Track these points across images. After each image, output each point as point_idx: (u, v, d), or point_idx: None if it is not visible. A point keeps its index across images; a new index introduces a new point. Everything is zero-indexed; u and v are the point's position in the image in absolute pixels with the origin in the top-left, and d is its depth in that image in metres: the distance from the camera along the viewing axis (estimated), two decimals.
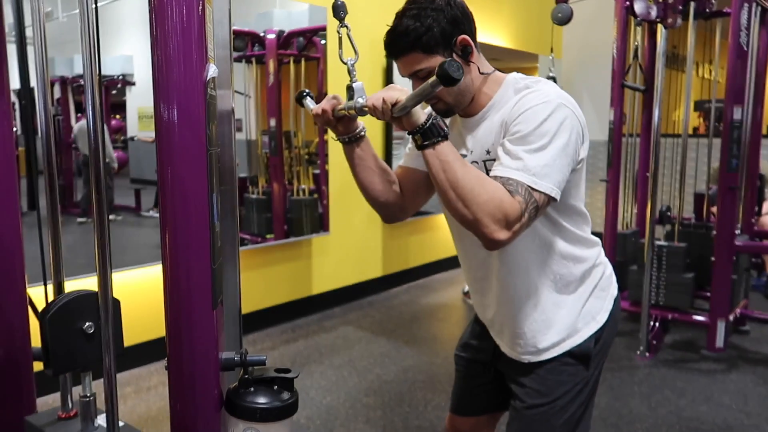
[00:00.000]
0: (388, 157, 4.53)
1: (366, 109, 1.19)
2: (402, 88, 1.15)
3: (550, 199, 1.13)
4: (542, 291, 1.32)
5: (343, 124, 1.31)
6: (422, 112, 1.13)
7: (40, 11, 1.34)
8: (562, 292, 1.32)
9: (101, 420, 1.16)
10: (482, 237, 1.10)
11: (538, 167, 1.10)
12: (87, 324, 1.12)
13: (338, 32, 1.26)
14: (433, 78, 1.02)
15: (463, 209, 1.09)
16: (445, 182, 1.10)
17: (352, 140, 1.33)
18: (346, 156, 1.36)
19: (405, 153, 1.47)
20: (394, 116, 1.14)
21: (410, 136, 1.15)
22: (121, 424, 0.99)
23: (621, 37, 3.59)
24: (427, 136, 1.12)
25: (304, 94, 1.41)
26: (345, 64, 1.24)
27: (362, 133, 1.34)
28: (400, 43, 1.21)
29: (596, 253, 1.38)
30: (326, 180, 4.03)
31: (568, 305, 1.33)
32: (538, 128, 1.12)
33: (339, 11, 1.25)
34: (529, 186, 1.10)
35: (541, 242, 1.29)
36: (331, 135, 1.39)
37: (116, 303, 1.08)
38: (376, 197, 1.40)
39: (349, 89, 1.22)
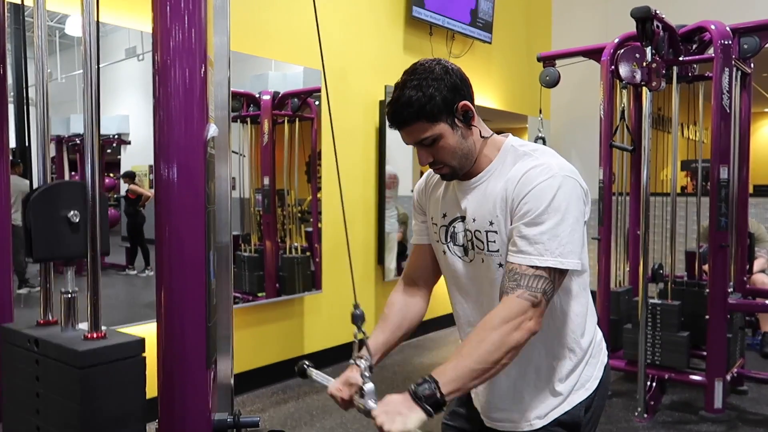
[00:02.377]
0: (381, 192, 4.56)
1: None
2: (401, 407, 1.11)
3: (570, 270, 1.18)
4: (540, 366, 1.31)
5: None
6: (421, 414, 1.09)
7: (43, 73, 1.37)
8: (559, 366, 1.31)
9: (83, 326, 1.10)
10: (528, 340, 1.16)
11: (560, 247, 1.14)
12: (72, 212, 1.05)
13: (355, 337, 1.26)
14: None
15: (505, 360, 1.14)
16: (477, 379, 1.14)
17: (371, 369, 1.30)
18: None
19: (413, 229, 1.50)
20: None
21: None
22: (103, 328, 0.94)
23: (607, 99, 3.69)
24: (437, 405, 1.10)
25: (305, 366, 1.39)
26: (358, 366, 1.23)
27: (370, 365, 1.28)
28: (405, 113, 1.23)
29: (593, 326, 1.38)
30: (319, 238, 4.03)
31: (564, 380, 1.32)
32: (549, 206, 1.15)
33: (357, 320, 1.26)
34: (554, 267, 1.14)
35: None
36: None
37: (104, 197, 1.04)
38: (419, 322, 1.48)
39: (360, 390, 1.21)
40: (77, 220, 1.05)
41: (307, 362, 1.39)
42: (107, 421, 0.88)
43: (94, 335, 0.92)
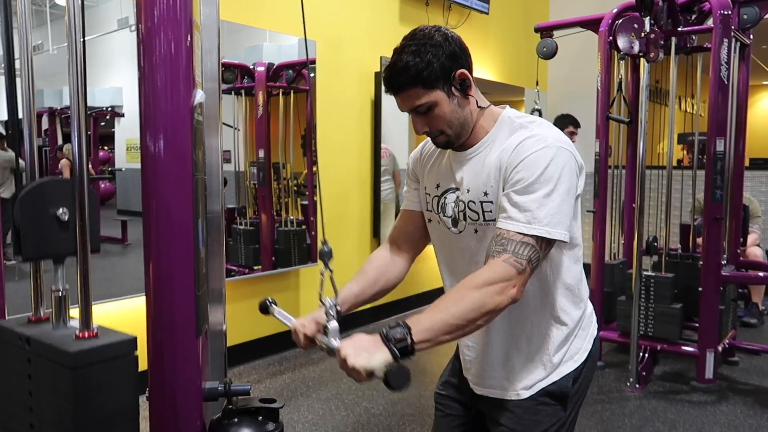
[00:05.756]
0: (376, 170, 4.55)
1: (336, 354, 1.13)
2: (369, 345, 1.07)
3: (558, 242, 1.16)
4: (531, 333, 1.31)
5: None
6: (386, 356, 1.04)
7: (27, 44, 1.34)
8: (550, 335, 1.31)
9: (75, 323, 1.11)
10: (507, 307, 1.13)
11: (548, 217, 1.12)
12: (61, 210, 1.05)
13: (321, 275, 1.24)
14: (384, 378, 1.00)
15: (480, 322, 1.11)
16: (450, 334, 1.10)
17: (338, 310, 1.27)
18: None
19: (404, 194, 1.48)
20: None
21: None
22: (94, 324, 0.94)
23: (605, 70, 3.66)
24: (405, 353, 1.06)
25: (268, 303, 1.36)
26: (323, 305, 1.22)
27: (338, 318, 1.26)
28: (401, 78, 1.21)
29: (584, 306, 1.38)
30: (314, 211, 4.03)
31: (553, 349, 1.32)
32: (541, 175, 1.14)
33: (324, 257, 1.24)
34: (541, 236, 1.12)
35: (537, 284, 1.28)
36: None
37: (93, 192, 1.04)
38: (396, 283, 1.45)
39: (324, 328, 1.19)
40: (66, 218, 1.05)
41: (270, 298, 1.37)
42: (100, 419, 0.89)
43: (86, 334, 0.92)
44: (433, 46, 1.20)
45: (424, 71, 1.19)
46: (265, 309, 1.36)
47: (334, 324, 1.18)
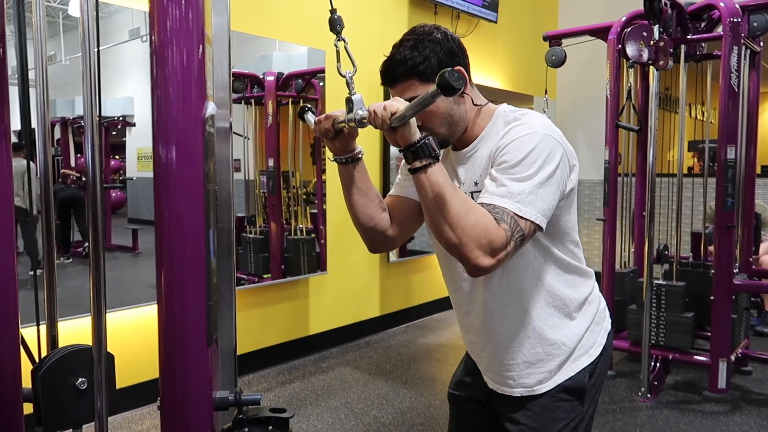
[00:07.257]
0: (386, 181, 4.55)
1: (365, 120, 1.16)
2: (405, 102, 1.13)
3: (536, 228, 1.13)
4: (535, 324, 1.30)
5: (341, 141, 1.28)
6: (417, 131, 1.12)
7: (42, 54, 1.37)
8: (555, 325, 1.31)
9: None
10: (466, 262, 1.09)
11: (522, 194, 1.11)
12: (80, 380, 1.09)
13: (335, 46, 1.25)
14: (434, 88, 0.97)
15: (448, 232, 1.08)
16: (433, 204, 1.09)
17: (348, 161, 1.32)
18: (340, 177, 1.35)
19: (396, 182, 1.46)
20: (391, 126, 1.11)
21: (401, 153, 1.13)
22: None
23: (614, 78, 3.65)
24: (418, 155, 1.09)
25: (306, 108, 1.41)
26: (343, 77, 1.23)
27: (359, 155, 1.32)
28: (398, 70, 1.23)
29: (591, 286, 1.38)
30: (324, 219, 4.04)
31: (563, 339, 1.31)
32: (524, 159, 1.13)
33: (335, 25, 1.25)
34: (515, 213, 1.10)
35: (534, 273, 1.28)
36: (328, 156, 1.37)
37: (110, 358, 1.05)
38: (365, 222, 1.37)
39: (348, 101, 1.19)
40: (85, 387, 1.10)
41: (309, 105, 1.39)
42: None
43: None
44: (432, 42, 1.23)
45: (421, 65, 1.21)
46: (301, 114, 1.40)
47: (357, 95, 1.18)
